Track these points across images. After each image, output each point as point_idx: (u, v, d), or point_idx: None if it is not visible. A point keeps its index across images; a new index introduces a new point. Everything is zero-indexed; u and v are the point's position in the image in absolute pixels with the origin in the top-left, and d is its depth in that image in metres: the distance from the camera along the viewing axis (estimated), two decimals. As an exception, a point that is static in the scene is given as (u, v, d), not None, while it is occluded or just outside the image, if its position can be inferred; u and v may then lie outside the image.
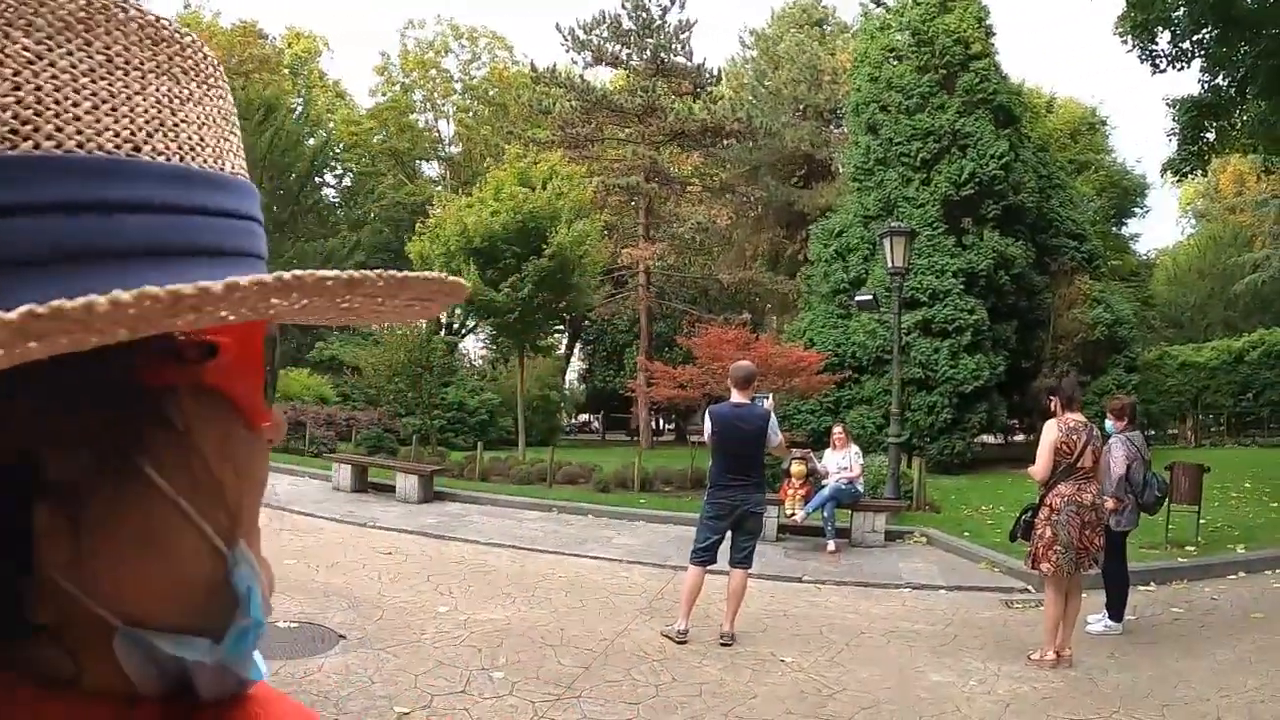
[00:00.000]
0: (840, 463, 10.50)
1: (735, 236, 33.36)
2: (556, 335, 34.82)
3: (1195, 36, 13.42)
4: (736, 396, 6.42)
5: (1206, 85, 14.14)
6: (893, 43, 22.01)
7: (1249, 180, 39.64)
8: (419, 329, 21.81)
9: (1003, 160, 20.22)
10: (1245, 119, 14.37)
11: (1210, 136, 14.68)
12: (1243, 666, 5.60)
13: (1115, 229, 36.65)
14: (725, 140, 29.98)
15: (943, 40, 20.89)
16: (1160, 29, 13.59)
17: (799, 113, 34.01)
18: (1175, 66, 13.77)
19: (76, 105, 0.41)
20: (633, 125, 28.88)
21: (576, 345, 41.40)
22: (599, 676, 5.36)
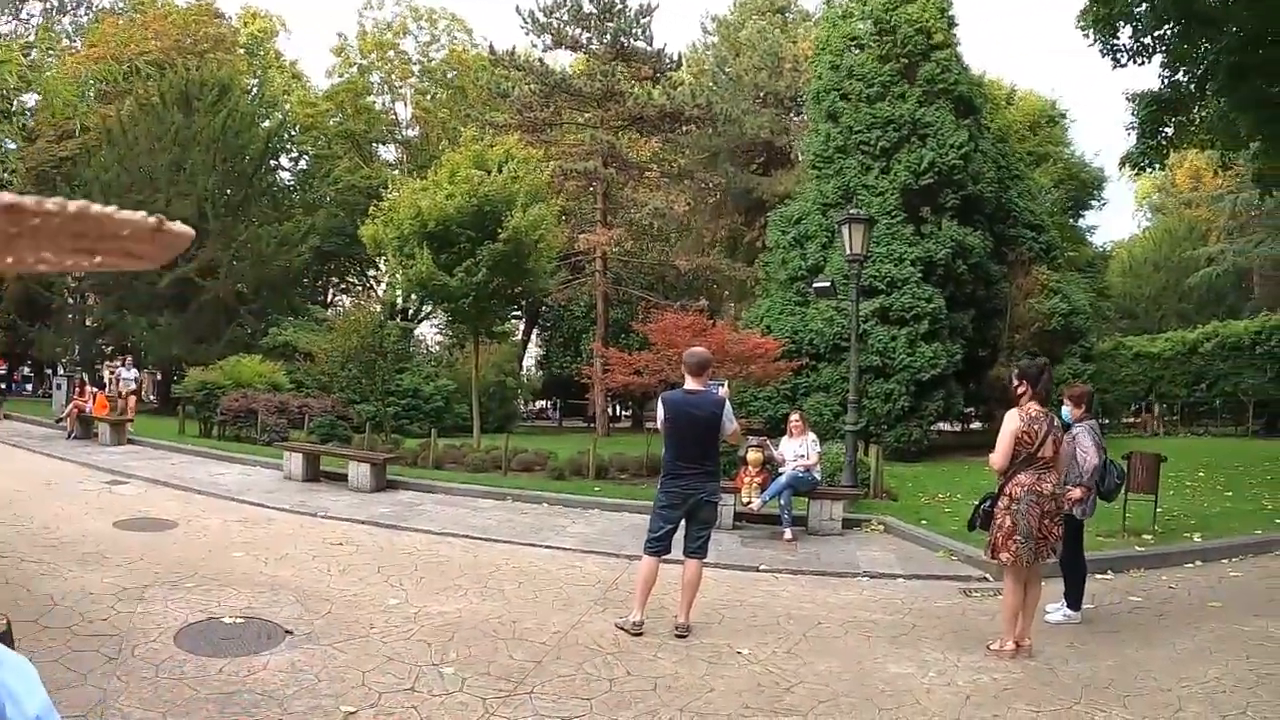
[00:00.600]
0: (797, 450, 10.40)
1: (693, 223, 33.25)
2: (513, 321, 34.49)
3: (1157, 32, 13.45)
4: (691, 383, 6.29)
5: (1167, 81, 14.20)
6: (854, 31, 21.93)
7: (1205, 175, 40.46)
8: (373, 314, 21.43)
9: (962, 150, 20.30)
10: (1204, 115, 14.48)
11: (1169, 131, 14.75)
12: (1202, 656, 5.57)
13: (1073, 220, 37.10)
14: (684, 126, 29.76)
15: (905, 30, 20.88)
16: (1122, 24, 13.61)
17: (759, 100, 33.89)
18: (1136, 61, 13.80)
19: None
20: (592, 109, 28.60)
21: (534, 331, 41.13)
22: (551, 671, 5.20)
